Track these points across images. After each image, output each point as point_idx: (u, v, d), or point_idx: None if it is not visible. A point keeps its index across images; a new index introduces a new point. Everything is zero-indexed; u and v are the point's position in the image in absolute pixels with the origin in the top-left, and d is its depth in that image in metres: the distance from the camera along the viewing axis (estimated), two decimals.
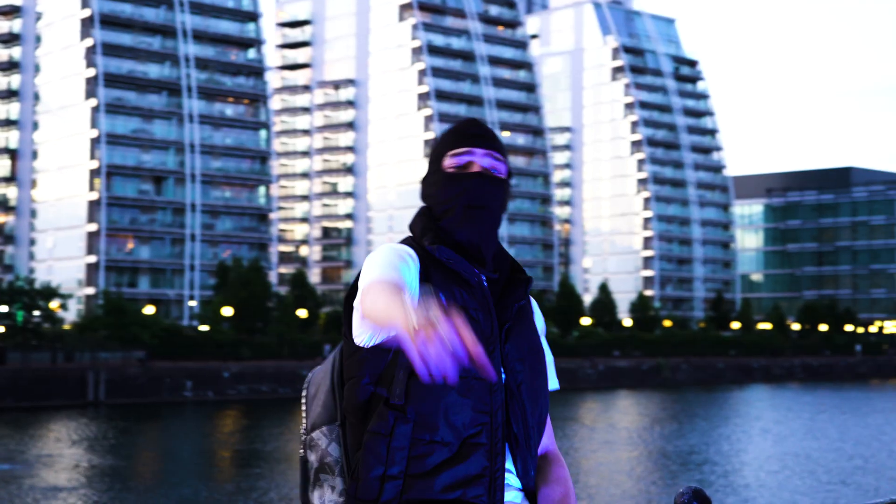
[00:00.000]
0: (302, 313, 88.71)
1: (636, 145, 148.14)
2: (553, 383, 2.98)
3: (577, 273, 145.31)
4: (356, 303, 2.75)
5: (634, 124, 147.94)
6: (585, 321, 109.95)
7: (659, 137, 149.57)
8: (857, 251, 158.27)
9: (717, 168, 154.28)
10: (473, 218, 2.83)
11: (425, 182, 2.98)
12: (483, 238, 2.86)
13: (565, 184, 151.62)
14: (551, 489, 2.84)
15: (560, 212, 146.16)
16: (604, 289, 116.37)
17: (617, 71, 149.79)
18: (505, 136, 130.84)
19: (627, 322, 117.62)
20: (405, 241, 2.93)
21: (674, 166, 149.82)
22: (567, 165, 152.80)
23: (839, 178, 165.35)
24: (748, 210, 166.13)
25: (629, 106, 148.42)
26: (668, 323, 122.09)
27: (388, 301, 2.39)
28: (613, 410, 70.60)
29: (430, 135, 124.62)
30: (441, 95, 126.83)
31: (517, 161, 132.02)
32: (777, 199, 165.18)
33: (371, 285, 2.61)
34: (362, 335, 2.74)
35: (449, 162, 2.91)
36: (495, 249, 2.93)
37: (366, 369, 2.74)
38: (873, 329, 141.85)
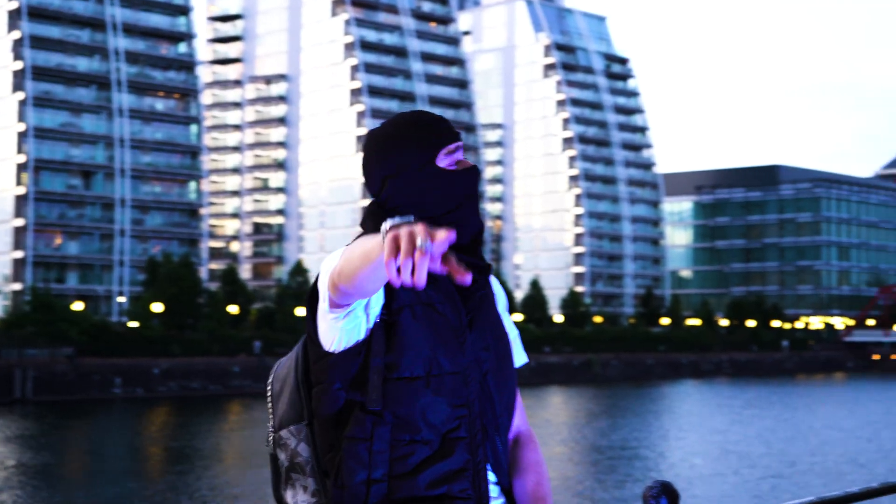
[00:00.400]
0: (233, 309, 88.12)
1: (567, 142, 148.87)
2: (521, 358, 2.94)
3: (508, 269, 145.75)
4: (321, 300, 2.67)
5: (566, 121, 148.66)
6: (517, 317, 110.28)
7: (590, 135, 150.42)
8: (783, 248, 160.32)
9: (648, 165, 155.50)
10: (475, 209, 2.77)
11: (393, 186, 2.73)
12: (481, 224, 2.80)
13: (497, 180, 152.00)
14: (522, 479, 2.81)
15: (491, 208, 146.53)
16: (535, 285, 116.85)
17: (548, 68, 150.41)
18: None
19: (558, 318, 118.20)
20: (355, 238, 2.80)
21: (605, 163, 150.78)
22: (499, 162, 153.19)
23: (766, 176, 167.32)
24: (678, 207, 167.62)
25: (560, 103, 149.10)
26: (598, 319, 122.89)
27: (354, 250, 2.41)
28: (545, 406, 70.90)
29: (362, 131, 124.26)
30: (373, 91, 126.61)
31: None
32: (706, 196, 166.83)
33: (331, 263, 2.60)
34: (332, 334, 2.67)
35: (447, 161, 2.74)
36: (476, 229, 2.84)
37: (336, 375, 2.69)
38: (800, 325, 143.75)
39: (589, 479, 34.42)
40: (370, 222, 2.75)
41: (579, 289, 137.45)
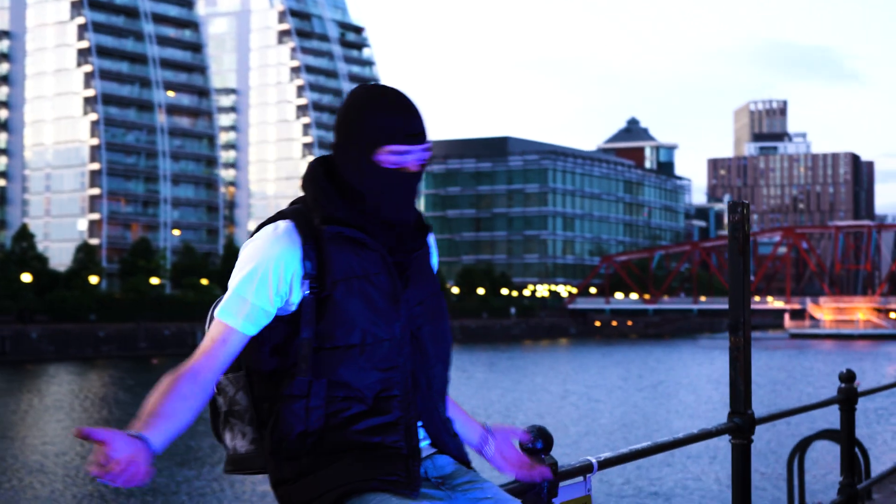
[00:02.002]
0: None
1: (302, 109, 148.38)
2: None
3: (241, 236, 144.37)
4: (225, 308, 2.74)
5: (300, 88, 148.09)
6: None
7: (325, 102, 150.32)
8: (512, 218, 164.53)
9: None
10: (401, 206, 2.77)
11: (341, 153, 2.75)
12: (409, 214, 2.81)
13: (231, 146, 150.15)
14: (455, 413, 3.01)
15: (225, 174, 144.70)
16: None
17: (283, 34, 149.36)
18: (169, 96, 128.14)
19: None
20: (295, 205, 2.81)
21: None
22: (233, 128, 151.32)
23: (496, 148, 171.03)
24: None
25: (295, 70, 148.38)
26: None
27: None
28: None
29: (91, 92, 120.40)
30: (102, 52, 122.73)
31: (182, 122, 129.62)
32: (437, 166, 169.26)
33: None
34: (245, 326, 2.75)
35: (386, 158, 2.72)
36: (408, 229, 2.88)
37: (264, 340, 2.75)
38: (527, 293, 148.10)
39: None
40: (310, 190, 2.78)
41: None
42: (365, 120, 2.72)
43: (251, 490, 26.03)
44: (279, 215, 2.77)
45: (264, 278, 2.67)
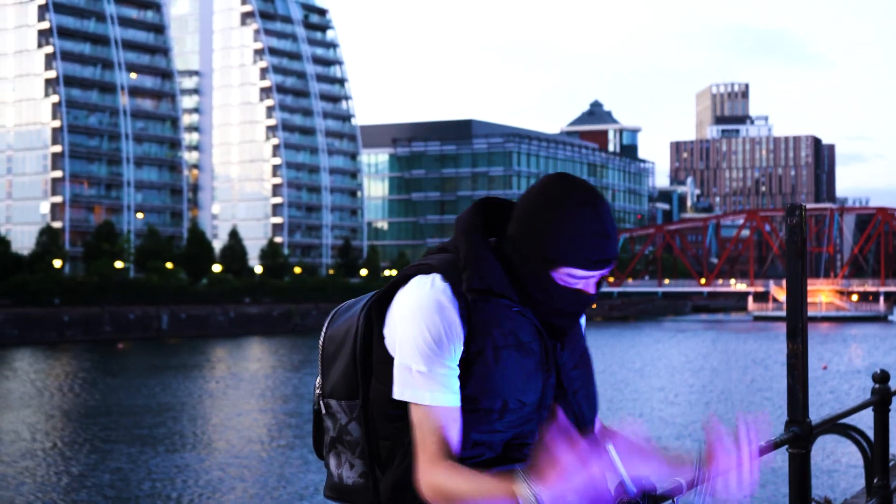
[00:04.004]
0: None
1: (266, 92, 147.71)
2: None
3: (205, 219, 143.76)
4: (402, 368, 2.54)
5: (264, 70, 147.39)
6: (216, 268, 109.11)
7: (288, 85, 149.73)
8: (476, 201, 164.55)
9: (346, 117, 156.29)
10: (567, 314, 2.61)
11: (517, 248, 2.55)
12: (575, 318, 2.66)
13: (194, 128, 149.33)
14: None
15: (189, 157, 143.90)
16: (234, 235, 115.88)
17: (246, 16, 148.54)
18: (132, 77, 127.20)
19: (258, 269, 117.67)
20: (440, 257, 2.65)
21: (303, 114, 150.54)
22: (196, 110, 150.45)
23: (461, 130, 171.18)
24: (375, 159, 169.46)
25: (259, 52, 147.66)
26: (297, 270, 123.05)
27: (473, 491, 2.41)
28: (245, 358, 70.61)
29: (52, 74, 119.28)
30: (64, 33, 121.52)
31: (145, 104, 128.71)
32: (402, 148, 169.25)
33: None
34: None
35: (565, 279, 2.53)
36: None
37: None
38: None
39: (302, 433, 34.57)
40: (472, 253, 2.56)
41: (278, 239, 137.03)
42: (559, 237, 2.49)
43: (207, 476, 25.85)
44: (428, 268, 2.57)
45: (440, 343, 2.50)
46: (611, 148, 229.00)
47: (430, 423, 2.47)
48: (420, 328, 2.48)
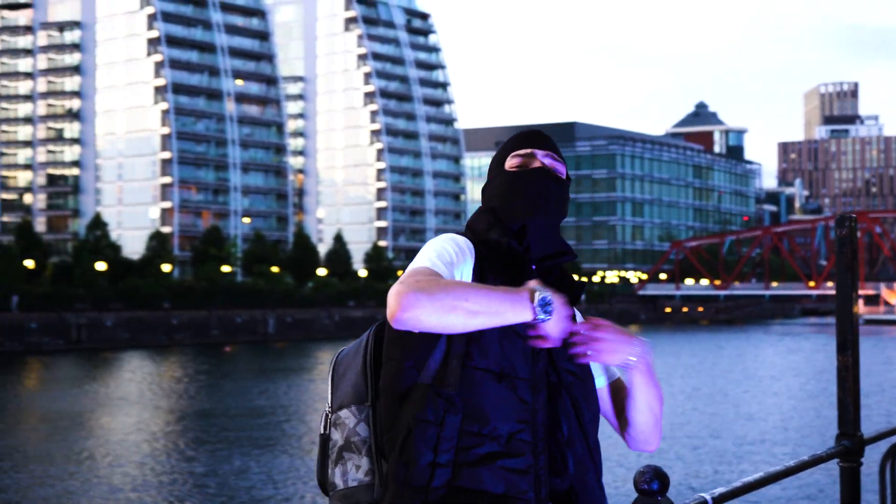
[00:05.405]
0: (28, 263, 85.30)
1: (369, 96, 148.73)
2: (601, 381, 2.99)
3: (311, 223, 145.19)
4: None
5: (367, 75, 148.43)
6: (321, 272, 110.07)
7: (392, 89, 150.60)
8: (580, 204, 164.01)
9: (449, 121, 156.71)
10: (536, 209, 2.86)
11: (488, 186, 2.98)
12: (543, 232, 2.88)
13: (299, 133, 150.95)
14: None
15: (294, 162, 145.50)
16: (338, 239, 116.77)
17: (350, 21, 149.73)
18: (238, 84, 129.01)
19: (362, 272, 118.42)
20: (464, 234, 2.91)
21: (406, 118, 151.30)
22: (300, 115, 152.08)
23: (564, 133, 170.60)
24: (478, 162, 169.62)
25: (362, 57, 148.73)
26: (401, 273, 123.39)
27: (486, 297, 2.55)
28: None
29: (161, 81, 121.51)
30: (172, 41, 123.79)
31: (251, 110, 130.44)
32: None
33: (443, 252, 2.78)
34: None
35: (511, 162, 2.96)
36: (552, 250, 2.91)
37: (411, 353, 2.70)
38: (596, 279, 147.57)
39: None
40: (482, 219, 2.90)
41: (382, 243, 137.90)
42: (497, 153, 3.03)
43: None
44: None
45: (449, 259, 2.76)
46: (716, 149, 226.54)
47: (423, 270, 2.66)
48: (433, 247, 2.77)
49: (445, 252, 2.73)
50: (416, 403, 2.66)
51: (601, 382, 2.97)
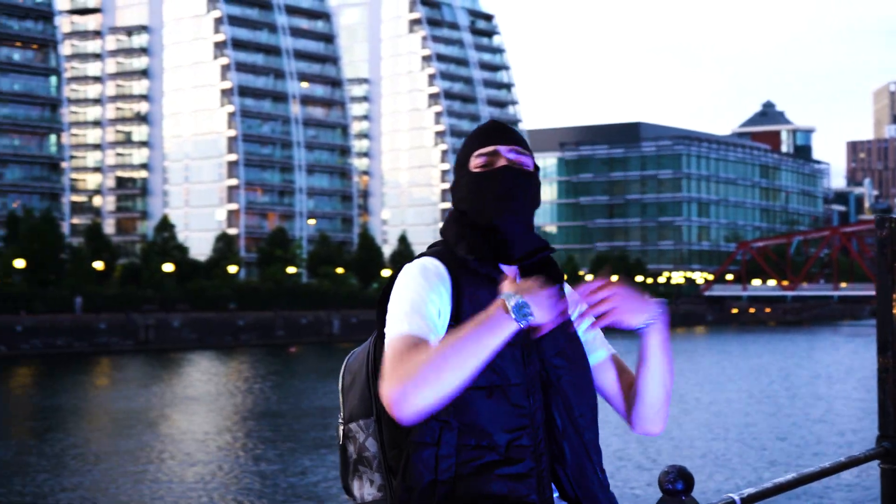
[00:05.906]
0: (98, 265, 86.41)
1: (433, 98, 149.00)
2: (602, 353, 2.94)
3: (375, 225, 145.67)
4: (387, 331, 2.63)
5: (432, 77, 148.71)
6: (385, 273, 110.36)
7: (456, 90, 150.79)
8: (645, 204, 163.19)
9: (513, 122, 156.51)
10: (505, 209, 2.77)
11: (455, 188, 2.88)
12: (516, 230, 2.79)
13: (363, 135, 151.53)
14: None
15: (359, 163, 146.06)
16: (403, 240, 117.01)
17: (414, 23, 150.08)
18: (303, 86, 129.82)
19: None
20: (436, 246, 2.84)
21: (470, 119, 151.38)
22: (365, 117, 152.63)
23: (629, 133, 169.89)
24: (542, 163, 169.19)
25: (426, 58, 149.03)
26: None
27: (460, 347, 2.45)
28: None
29: (227, 84, 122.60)
30: (238, 44, 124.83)
31: (316, 112, 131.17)
32: (570, 152, 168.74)
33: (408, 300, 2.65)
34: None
35: (475, 162, 2.84)
36: (531, 247, 2.83)
37: None
38: (661, 280, 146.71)
39: None
40: (452, 228, 2.82)
41: None
42: (461, 152, 2.90)
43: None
44: (422, 256, 2.79)
45: (425, 306, 2.65)
46: (784, 149, 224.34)
47: (401, 345, 2.52)
48: (405, 295, 2.64)
49: (419, 298, 2.63)
50: (412, 427, 2.64)
51: (602, 355, 2.93)
